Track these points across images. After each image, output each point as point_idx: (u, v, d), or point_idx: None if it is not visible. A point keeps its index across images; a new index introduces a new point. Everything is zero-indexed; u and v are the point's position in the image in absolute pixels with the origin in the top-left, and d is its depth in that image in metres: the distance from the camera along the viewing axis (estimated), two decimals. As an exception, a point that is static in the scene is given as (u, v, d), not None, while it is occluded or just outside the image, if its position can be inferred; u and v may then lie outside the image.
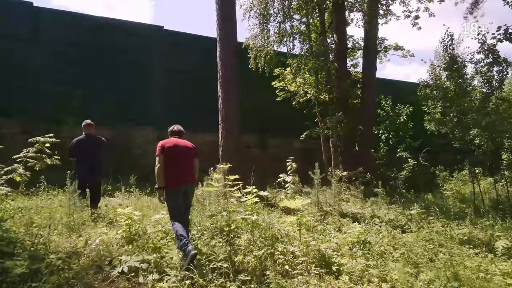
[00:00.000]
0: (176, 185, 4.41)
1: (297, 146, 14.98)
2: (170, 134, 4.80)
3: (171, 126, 4.87)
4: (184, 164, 4.53)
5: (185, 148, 4.62)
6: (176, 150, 4.50)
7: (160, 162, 4.37)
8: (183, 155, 4.55)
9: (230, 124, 8.51)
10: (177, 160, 4.45)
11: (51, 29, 11.52)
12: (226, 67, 8.63)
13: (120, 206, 7.83)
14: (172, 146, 4.49)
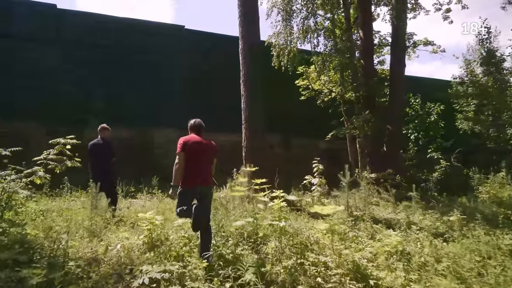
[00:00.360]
0: (191, 185, 4.22)
1: (322, 146, 14.57)
2: (190, 129, 4.56)
3: (191, 120, 4.63)
4: (202, 164, 4.33)
5: (206, 147, 4.41)
6: (197, 149, 4.29)
7: (181, 161, 4.17)
8: (203, 155, 4.34)
9: (253, 124, 8.23)
10: (196, 160, 4.25)
11: (74, 30, 11.58)
12: (249, 65, 8.35)
13: (142, 208, 7.69)
14: (193, 144, 4.28)
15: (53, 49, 11.33)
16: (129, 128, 11.34)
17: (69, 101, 10.97)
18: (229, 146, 12.93)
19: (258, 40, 8.77)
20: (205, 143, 4.42)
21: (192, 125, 4.57)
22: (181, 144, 4.24)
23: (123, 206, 7.49)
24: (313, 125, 13.98)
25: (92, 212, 5.60)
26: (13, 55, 10.75)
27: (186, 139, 4.32)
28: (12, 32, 10.85)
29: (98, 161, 6.36)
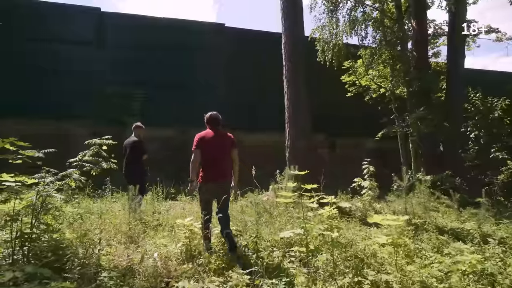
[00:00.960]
0: (208, 180, 4.32)
1: (369, 146, 13.70)
2: (206, 123, 4.60)
3: (206, 114, 4.66)
4: (219, 158, 4.37)
5: (222, 141, 4.44)
6: (213, 144, 4.35)
7: (196, 158, 4.30)
8: (219, 149, 4.39)
9: (298, 123, 7.70)
10: (212, 155, 4.32)
11: (116, 32, 11.68)
12: (292, 60, 7.83)
13: (182, 211, 7.43)
14: (208, 140, 4.37)
15: (97, 51, 11.50)
16: (169, 127, 11.24)
17: (113, 101, 11.05)
18: (271, 146, 12.49)
19: (302, 34, 8.23)
20: (221, 137, 4.46)
21: (207, 118, 4.61)
22: (196, 142, 4.37)
23: (163, 209, 7.27)
24: (359, 123, 13.18)
25: (130, 216, 5.37)
26: (58, 57, 11.02)
27: (201, 135, 4.42)
28: (57, 36, 11.13)
29: (127, 159, 6.38)
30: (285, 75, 7.95)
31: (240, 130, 11.95)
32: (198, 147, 4.35)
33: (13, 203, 3.64)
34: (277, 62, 12.06)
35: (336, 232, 3.93)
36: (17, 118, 10.17)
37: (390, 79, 10.51)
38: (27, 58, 10.72)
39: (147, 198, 7.54)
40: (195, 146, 4.37)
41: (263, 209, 6.09)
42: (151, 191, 7.94)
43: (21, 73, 10.51)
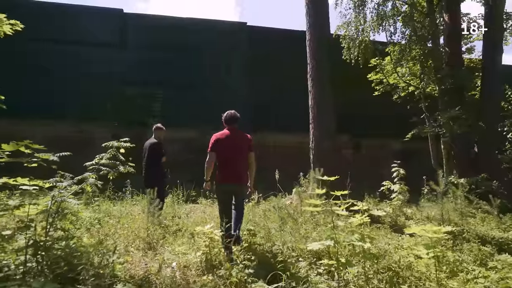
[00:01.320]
0: (223, 181, 4.31)
1: (395, 147, 13.13)
2: (225, 123, 4.54)
3: (224, 113, 4.63)
4: (233, 160, 4.31)
5: (238, 142, 4.39)
6: (228, 145, 4.30)
7: (211, 159, 4.30)
8: (234, 151, 4.33)
9: (323, 123, 7.34)
10: (227, 156, 4.29)
11: (138, 33, 11.66)
12: (317, 58, 7.49)
13: (203, 214, 7.23)
14: (224, 141, 4.32)
15: (118, 52, 11.50)
16: (190, 129, 11.08)
17: (134, 102, 11.01)
18: (294, 147, 12.15)
19: (327, 31, 7.88)
20: (238, 137, 4.40)
21: (225, 118, 4.56)
22: (211, 143, 4.35)
23: (183, 212, 7.09)
24: (385, 123, 12.63)
25: (149, 221, 5.18)
26: (80, 59, 11.07)
27: (218, 135, 4.37)
28: (79, 37, 11.19)
29: (145, 162, 6.22)
30: (309, 74, 7.61)
31: (262, 131, 11.67)
32: (213, 148, 4.32)
33: (27, 208, 3.50)
34: (300, 61, 11.71)
35: (369, 243, 3.57)
36: (38, 119, 10.24)
37: (420, 77, 9.96)
38: (50, 60, 10.82)
39: (167, 201, 7.38)
40: (210, 147, 4.35)
41: (286, 214, 5.77)
42: (171, 194, 7.79)
43: (44, 74, 10.62)
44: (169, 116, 10.58)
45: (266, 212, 7.04)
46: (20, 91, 10.29)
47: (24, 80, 10.51)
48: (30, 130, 10.01)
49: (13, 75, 10.42)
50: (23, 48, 10.59)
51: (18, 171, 3.91)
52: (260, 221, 5.71)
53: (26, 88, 10.41)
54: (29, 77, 10.53)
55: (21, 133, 10.40)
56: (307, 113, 11.44)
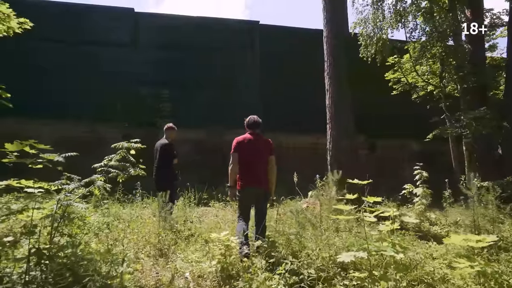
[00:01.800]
0: (245, 186, 4.28)
1: (413, 148, 12.70)
2: (247, 127, 4.52)
3: (247, 118, 4.58)
4: (256, 164, 4.32)
5: (260, 146, 4.39)
6: (251, 148, 4.32)
7: (234, 161, 4.29)
8: (256, 155, 4.34)
9: (341, 123, 7.00)
10: (249, 160, 4.29)
11: (149, 32, 11.46)
12: (335, 55, 7.15)
13: (215, 218, 6.94)
14: (246, 144, 4.33)
15: (130, 52, 11.32)
16: (201, 129, 10.82)
17: (145, 103, 10.79)
18: (308, 148, 11.82)
19: (346, 26, 7.56)
20: (259, 141, 4.40)
21: (247, 122, 4.53)
22: (234, 145, 4.34)
23: (195, 216, 6.81)
24: (402, 124, 12.20)
25: (160, 225, 4.91)
26: (91, 59, 10.90)
27: (240, 139, 4.37)
28: (90, 37, 11.03)
29: (157, 163, 5.98)
30: (326, 72, 7.28)
31: (274, 131, 11.39)
32: (236, 151, 4.32)
33: (31, 213, 3.25)
34: (313, 60, 11.42)
35: (402, 254, 3.23)
36: (45, 119, 10.08)
37: (440, 75, 9.55)
38: (59, 59, 10.67)
39: (178, 204, 7.13)
40: (233, 149, 4.34)
41: (305, 219, 5.44)
42: (182, 196, 7.52)
43: (53, 74, 10.47)
44: (179, 117, 10.32)
45: (282, 216, 6.73)
46: (28, 90, 10.16)
47: (32, 79, 10.37)
48: (37, 130, 9.88)
49: (21, 74, 10.29)
50: (33, 47, 10.47)
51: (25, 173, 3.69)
52: (277, 226, 5.40)
53: (34, 87, 10.27)
54: (37, 76, 10.39)
55: (28, 133, 10.29)
56: (321, 113, 11.10)
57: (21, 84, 10.21)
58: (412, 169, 12.97)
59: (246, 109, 11.62)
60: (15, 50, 10.16)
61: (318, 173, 8.14)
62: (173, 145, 6.14)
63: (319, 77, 11.52)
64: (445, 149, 11.00)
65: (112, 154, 3.92)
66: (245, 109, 11.64)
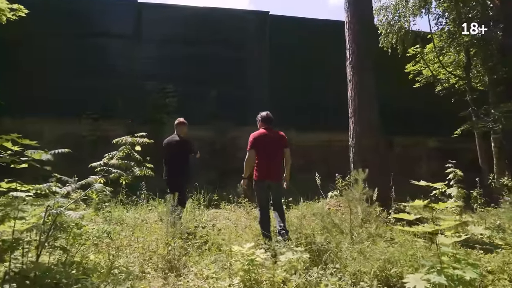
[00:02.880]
0: (263, 179, 4.47)
1: (432, 145, 12.01)
2: (261, 122, 4.68)
3: (260, 113, 4.75)
4: (272, 158, 4.53)
5: (275, 141, 4.58)
6: (266, 144, 4.50)
7: (251, 157, 4.47)
8: (272, 148, 4.53)
9: (366, 117, 6.34)
10: (265, 154, 4.47)
11: (152, 24, 10.81)
12: (358, 42, 6.45)
13: (227, 222, 6.33)
14: (262, 140, 4.51)
15: (132, 45, 10.69)
16: (208, 126, 10.19)
17: (150, 98, 10.16)
18: (321, 145, 11.15)
19: (370, 9, 6.86)
20: (274, 136, 4.59)
21: (262, 118, 4.68)
22: (251, 142, 4.49)
23: (205, 219, 6.19)
24: (420, 119, 11.47)
25: (169, 233, 4.29)
26: (91, 52, 10.27)
27: (256, 135, 4.53)
28: (92, 30, 10.40)
29: (170, 161, 5.49)
30: (349, 61, 6.60)
31: (286, 128, 10.80)
32: (253, 147, 4.47)
33: (13, 224, 2.64)
34: (327, 52, 10.76)
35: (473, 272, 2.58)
36: (46, 117, 9.51)
37: (466, 67, 8.87)
38: (60, 54, 10.06)
39: (187, 206, 6.53)
40: (250, 145, 4.49)
41: (331, 224, 4.81)
42: (191, 197, 6.91)
43: (53, 69, 9.86)
44: (186, 113, 9.69)
45: (301, 219, 6.09)
46: (26, 86, 9.61)
47: (29, 74, 9.76)
48: (37, 128, 9.33)
49: (19, 69, 9.72)
50: (29, 41, 9.88)
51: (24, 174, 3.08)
52: (303, 229, 4.77)
53: (32, 83, 9.67)
54: (35, 72, 9.78)
55: (27, 131, 9.71)
56: (335, 108, 10.52)
57: (19, 81, 9.65)
58: (429, 167, 12.37)
59: (255, 105, 11.06)
60: (11, 45, 9.59)
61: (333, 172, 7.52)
62: (190, 141, 5.71)
63: (332, 70, 10.89)
64: (466, 146, 10.34)
65: (113, 151, 3.31)
66: (254, 105, 11.08)
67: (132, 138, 3.28)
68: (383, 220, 5.25)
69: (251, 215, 6.53)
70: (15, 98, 9.35)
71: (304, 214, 6.33)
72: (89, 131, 9.57)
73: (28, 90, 9.58)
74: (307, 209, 6.62)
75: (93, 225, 5.64)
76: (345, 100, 6.77)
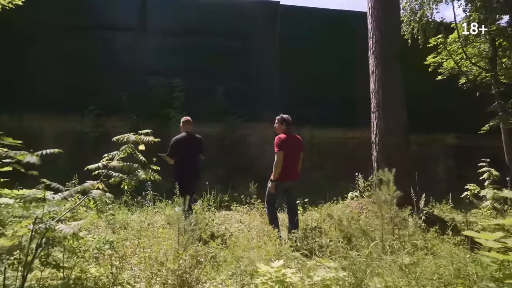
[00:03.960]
0: (282, 180, 4.65)
1: (451, 142, 11.41)
2: (283, 125, 4.81)
3: (283, 115, 4.86)
4: (294, 161, 4.72)
5: (297, 144, 4.82)
6: (291, 147, 4.68)
7: (280, 159, 4.56)
8: (295, 152, 4.74)
9: (392, 112, 5.79)
10: (289, 157, 4.62)
11: (158, 15, 10.26)
12: (383, 29, 5.89)
13: (239, 225, 5.85)
14: (289, 143, 4.67)
15: (137, 38, 10.16)
16: (217, 122, 9.66)
17: (155, 93, 9.64)
18: (335, 143, 10.60)
19: (396, -7, 6.28)
20: (296, 140, 4.84)
21: (286, 121, 4.80)
22: (279, 144, 4.61)
23: (216, 223, 5.70)
24: (437, 114, 10.83)
25: (179, 244, 3.81)
26: (92, 45, 9.73)
27: (282, 137, 4.68)
28: (93, 22, 9.86)
29: (183, 160, 5.33)
30: (371, 50, 6.04)
31: (299, 124, 10.30)
32: (281, 149, 4.59)
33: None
34: (342, 46, 10.22)
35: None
36: (46, 113, 9.02)
37: (492, 58, 8.28)
38: (60, 47, 9.51)
39: (196, 207, 6.06)
40: (279, 148, 4.60)
41: (359, 230, 4.29)
42: (200, 198, 6.43)
43: (54, 62, 9.35)
44: (193, 108, 9.24)
45: (321, 223, 5.59)
46: (24, 81, 9.15)
47: (28, 69, 9.27)
48: (36, 125, 8.89)
49: (16, 63, 9.25)
50: (29, 33, 9.39)
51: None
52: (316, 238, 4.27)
53: (31, 78, 9.19)
54: (34, 66, 9.28)
55: (25, 128, 9.27)
56: (350, 103, 9.96)
57: (17, 75, 9.19)
58: (447, 166, 11.78)
59: (266, 100, 10.52)
60: (8, 36, 9.12)
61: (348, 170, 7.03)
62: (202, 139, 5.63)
63: (346, 62, 10.34)
64: (488, 144, 9.75)
65: (115, 151, 2.81)
66: (265, 100, 10.55)
67: (136, 136, 2.77)
68: (414, 226, 4.73)
69: (265, 218, 6.03)
70: (13, 93, 8.91)
71: (323, 217, 5.82)
72: (91, 127, 9.09)
73: (27, 85, 9.10)
74: (326, 211, 6.10)
75: (95, 230, 5.19)
76: (362, 94, 6.28)
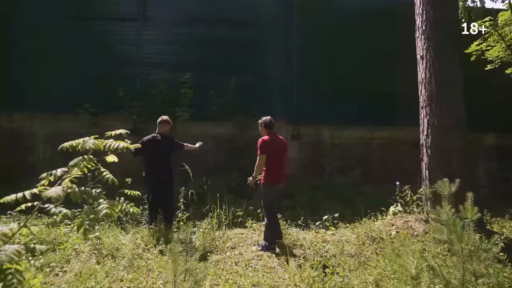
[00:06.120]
0: (273, 182, 4.62)
1: (491, 142, 10.14)
2: (265, 128, 4.74)
3: (263, 118, 4.80)
4: (280, 162, 4.68)
5: (282, 146, 4.75)
6: (276, 149, 4.63)
7: (262, 162, 4.57)
8: (279, 154, 4.68)
9: (448, 107, 4.59)
10: (275, 159, 4.60)
11: (162, 5, 9.16)
12: (436, 3, 4.69)
13: (257, 247, 4.71)
14: (273, 145, 4.62)
15: (139, 29, 9.09)
16: (227, 122, 8.53)
17: (156, 90, 8.55)
18: (358, 143, 9.38)
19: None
20: (280, 141, 4.78)
21: (268, 124, 4.74)
22: (263, 147, 4.58)
23: (228, 246, 4.58)
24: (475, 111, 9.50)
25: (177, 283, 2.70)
26: (89, 37, 8.67)
27: (266, 140, 4.63)
28: (90, 12, 8.82)
29: (151, 165, 5.06)
30: (421, 30, 4.82)
31: (317, 123, 9.21)
32: (264, 152, 4.56)
33: None
34: (366, 37, 9.06)
35: None
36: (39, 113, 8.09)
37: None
38: (52, 40, 8.48)
39: (203, 225, 5.00)
40: (261, 151, 4.56)
41: (427, 267, 3.11)
42: (210, 213, 5.28)
43: (44, 57, 8.32)
44: (200, 106, 8.20)
45: (358, 247, 4.41)
46: (11, 78, 8.22)
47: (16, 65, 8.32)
48: (25, 125, 7.97)
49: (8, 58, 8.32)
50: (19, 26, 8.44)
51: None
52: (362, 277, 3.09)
53: (19, 74, 8.23)
54: (23, 62, 8.32)
55: (14, 129, 8.35)
56: (376, 99, 8.80)
57: (3, 71, 8.25)
58: (488, 168, 10.49)
59: (280, 98, 9.36)
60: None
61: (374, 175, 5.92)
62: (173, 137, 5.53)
63: (371, 55, 9.13)
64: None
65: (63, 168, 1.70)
66: (279, 98, 9.39)
67: (98, 141, 1.66)
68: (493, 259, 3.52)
69: (287, 238, 4.88)
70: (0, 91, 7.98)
71: (362, 239, 4.65)
72: (87, 128, 8.04)
73: (15, 82, 8.15)
74: (363, 230, 4.91)
75: (76, 258, 4.10)
76: (394, 89, 5.13)
